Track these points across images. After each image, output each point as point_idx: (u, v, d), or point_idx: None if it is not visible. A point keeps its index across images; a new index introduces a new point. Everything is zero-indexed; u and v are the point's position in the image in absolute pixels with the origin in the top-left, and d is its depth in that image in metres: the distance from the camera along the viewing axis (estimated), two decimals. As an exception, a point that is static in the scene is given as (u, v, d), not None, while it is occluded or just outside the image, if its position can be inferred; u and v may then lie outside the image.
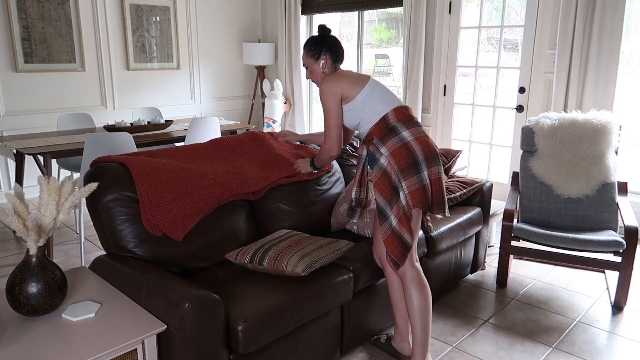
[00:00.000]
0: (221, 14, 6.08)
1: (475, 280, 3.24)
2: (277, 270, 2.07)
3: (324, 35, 2.30)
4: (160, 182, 2.19)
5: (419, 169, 2.08)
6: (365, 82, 2.19)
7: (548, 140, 3.29)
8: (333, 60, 2.28)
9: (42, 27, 4.72)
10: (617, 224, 3.16)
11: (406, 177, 2.07)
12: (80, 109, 5.07)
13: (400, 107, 2.18)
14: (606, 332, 2.65)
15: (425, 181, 2.08)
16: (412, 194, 2.07)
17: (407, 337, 2.34)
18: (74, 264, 3.41)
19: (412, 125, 2.14)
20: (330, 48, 2.27)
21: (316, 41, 2.28)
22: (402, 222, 2.10)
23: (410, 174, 2.07)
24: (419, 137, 2.12)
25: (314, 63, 2.29)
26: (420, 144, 2.10)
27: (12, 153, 3.71)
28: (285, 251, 2.11)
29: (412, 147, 2.09)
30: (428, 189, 2.09)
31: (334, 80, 2.20)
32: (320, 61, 2.27)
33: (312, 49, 2.28)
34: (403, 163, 2.07)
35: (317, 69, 2.29)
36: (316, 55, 2.27)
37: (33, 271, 1.63)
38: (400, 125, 2.13)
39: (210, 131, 4.14)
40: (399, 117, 2.15)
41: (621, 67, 3.77)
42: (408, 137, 2.10)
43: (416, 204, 2.08)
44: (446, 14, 4.70)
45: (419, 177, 2.07)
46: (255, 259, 2.12)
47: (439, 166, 2.13)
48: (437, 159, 2.13)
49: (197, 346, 1.68)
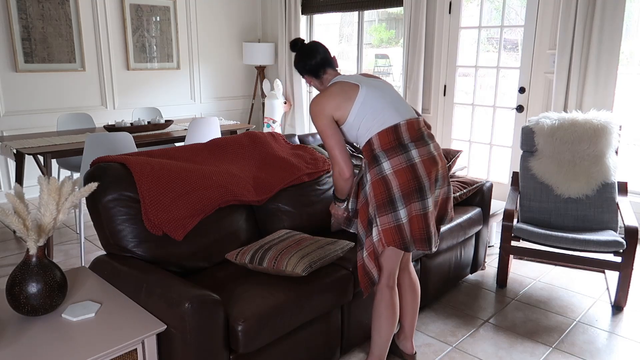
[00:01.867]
0: (221, 14, 6.08)
1: (475, 280, 3.24)
2: (277, 270, 2.07)
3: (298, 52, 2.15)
4: (161, 181, 2.19)
5: (395, 207, 1.92)
6: (355, 97, 1.97)
7: (548, 140, 3.29)
8: (316, 75, 2.13)
9: (42, 27, 4.72)
10: (617, 224, 3.16)
11: (380, 214, 1.93)
12: (80, 109, 5.08)
13: (385, 131, 1.94)
14: (606, 332, 2.65)
15: (401, 220, 1.92)
16: (385, 232, 1.94)
17: (411, 336, 2.36)
18: (74, 264, 3.41)
19: (394, 154, 1.92)
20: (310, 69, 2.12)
21: (296, 63, 2.16)
22: (371, 256, 2.00)
23: (386, 212, 1.92)
24: (399, 170, 1.91)
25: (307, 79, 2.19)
26: (399, 179, 1.90)
27: (12, 153, 3.71)
28: (286, 251, 2.11)
29: (389, 183, 1.91)
30: (404, 228, 1.93)
31: (322, 101, 2.00)
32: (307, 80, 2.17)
33: (297, 70, 2.17)
34: (380, 199, 1.93)
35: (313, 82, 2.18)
36: (302, 75, 2.17)
37: (33, 271, 1.64)
38: (381, 155, 1.93)
39: (210, 131, 4.14)
40: (382, 143, 1.94)
41: (621, 67, 3.77)
42: (387, 171, 1.92)
43: (389, 242, 1.94)
44: (446, 14, 4.70)
45: (395, 215, 1.92)
46: (255, 259, 2.12)
47: (422, 201, 1.94)
48: (421, 193, 1.94)
49: (197, 346, 1.68)
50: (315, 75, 2.13)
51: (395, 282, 2.12)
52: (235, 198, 2.38)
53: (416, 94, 4.91)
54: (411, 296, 2.28)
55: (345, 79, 2.05)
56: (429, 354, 2.44)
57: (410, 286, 2.27)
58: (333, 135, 1.99)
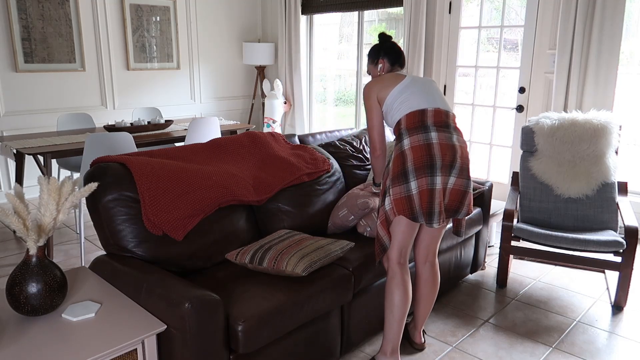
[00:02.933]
0: (221, 14, 6.08)
1: (475, 280, 3.24)
2: (277, 270, 2.07)
3: (383, 42, 2.39)
4: (161, 181, 2.19)
5: (407, 178, 2.07)
6: (399, 83, 2.20)
7: (548, 140, 3.29)
8: (391, 63, 2.34)
9: (42, 27, 4.72)
10: (617, 224, 3.16)
11: (394, 185, 2.10)
12: (80, 109, 5.08)
13: (413, 113, 2.13)
14: (606, 332, 2.65)
15: (411, 191, 2.07)
16: (396, 202, 2.10)
17: (420, 327, 2.43)
18: (74, 264, 3.41)
19: (414, 133, 2.10)
20: (388, 52, 2.35)
21: (375, 48, 2.39)
22: (383, 225, 2.17)
23: (399, 182, 2.09)
24: (415, 146, 2.08)
25: (374, 69, 2.38)
26: (414, 154, 2.07)
27: (12, 153, 3.71)
28: (286, 251, 2.11)
29: (406, 157, 2.08)
30: (414, 199, 2.07)
31: (371, 83, 2.27)
32: (378, 65, 2.36)
33: (371, 54, 2.39)
34: (395, 171, 2.10)
35: (376, 73, 2.38)
36: (375, 60, 2.37)
37: (33, 271, 1.64)
38: (405, 133, 2.12)
39: (210, 131, 4.14)
40: (408, 123, 2.13)
41: (621, 67, 3.77)
42: (406, 146, 2.10)
43: (399, 211, 2.10)
44: (446, 14, 4.70)
45: (407, 186, 2.07)
46: (255, 259, 2.12)
47: (432, 177, 2.06)
48: (428, 169, 2.05)
49: (197, 346, 1.68)
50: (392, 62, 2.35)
51: (406, 260, 2.20)
52: (235, 198, 2.38)
53: (416, 94, 4.90)
54: (429, 289, 2.34)
55: (400, 72, 2.32)
56: (429, 353, 2.44)
57: (431, 279, 2.32)
58: (375, 116, 2.25)
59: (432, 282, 2.33)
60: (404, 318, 2.20)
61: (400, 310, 2.17)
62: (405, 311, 2.19)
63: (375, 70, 2.39)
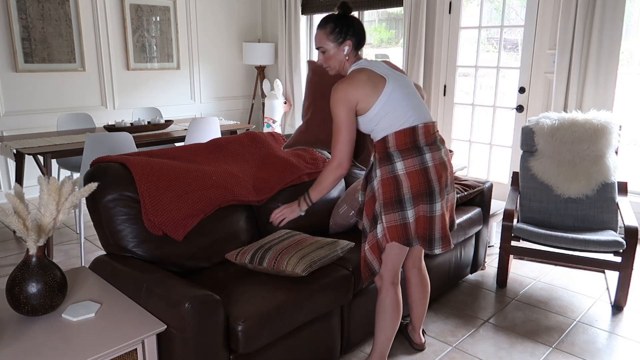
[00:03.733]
0: (221, 14, 6.08)
1: (475, 280, 3.24)
2: (277, 270, 2.07)
3: (348, 15, 1.98)
4: (161, 181, 2.19)
5: (403, 206, 1.93)
6: (381, 91, 1.90)
7: (548, 140, 3.29)
8: (356, 46, 1.99)
9: (42, 27, 4.72)
10: (617, 224, 3.16)
11: (387, 212, 1.94)
12: (80, 109, 5.08)
13: (403, 132, 1.91)
14: (606, 332, 2.65)
15: (408, 220, 1.94)
16: (390, 230, 1.95)
17: (419, 329, 2.43)
18: (74, 264, 3.41)
19: (408, 156, 1.91)
20: (357, 31, 1.97)
21: (341, 22, 1.95)
22: (374, 250, 2.02)
23: (393, 210, 1.93)
24: (412, 172, 1.91)
25: (337, 48, 1.97)
26: (410, 181, 1.90)
27: (12, 153, 3.71)
28: (286, 251, 2.11)
29: (400, 183, 1.91)
30: (410, 226, 1.95)
31: (349, 87, 1.89)
32: (344, 47, 1.96)
33: (335, 30, 1.94)
34: (388, 197, 1.93)
35: (339, 56, 1.98)
36: (340, 39, 1.95)
37: (33, 271, 1.63)
38: (396, 154, 1.92)
39: (210, 131, 4.14)
40: (398, 143, 1.92)
41: (621, 67, 3.77)
42: (400, 171, 1.91)
43: (393, 238, 1.96)
44: (446, 14, 4.70)
45: (402, 214, 1.93)
46: (255, 259, 2.12)
47: (431, 204, 1.94)
48: (431, 197, 1.94)
49: (197, 346, 1.68)
50: (357, 45, 1.98)
51: (399, 279, 2.14)
52: (235, 198, 2.38)
53: (416, 94, 4.90)
54: (420, 293, 2.32)
55: (372, 68, 1.94)
56: (429, 353, 2.44)
57: (420, 283, 2.30)
58: (349, 128, 1.91)
59: (422, 285, 2.31)
60: (394, 335, 2.18)
61: (391, 330, 2.15)
62: (396, 329, 2.16)
63: (340, 54, 1.98)
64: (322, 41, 1.97)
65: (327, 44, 1.97)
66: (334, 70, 2.03)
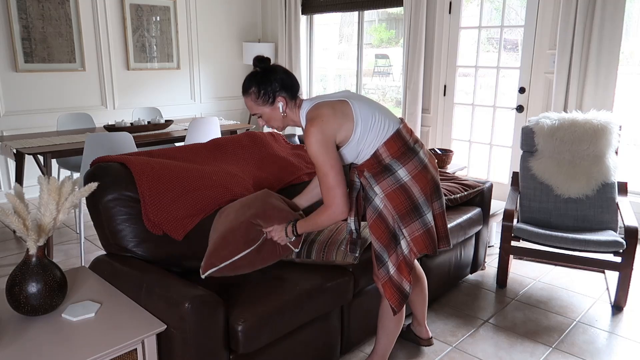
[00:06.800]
0: (221, 14, 6.08)
1: (475, 281, 3.24)
2: (327, 260, 2.12)
3: (270, 69, 1.86)
4: (161, 181, 2.19)
5: (420, 212, 1.88)
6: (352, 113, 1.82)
7: (548, 140, 3.29)
8: (290, 97, 1.87)
9: (42, 27, 4.72)
10: (617, 224, 3.16)
11: (407, 224, 1.88)
12: (80, 109, 5.07)
13: (391, 138, 1.86)
14: (606, 332, 2.65)
15: (429, 224, 1.91)
16: (416, 241, 1.89)
17: (423, 323, 2.42)
18: (74, 264, 3.41)
19: (407, 160, 1.87)
20: (284, 84, 1.84)
21: (264, 82, 1.84)
22: (402, 270, 1.92)
23: (412, 219, 1.88)
24: (417, 174, 1.88)
25: (270, 108, 1.87)
26: (419, 183, 1.87)
27: (12, 153, 3.71)
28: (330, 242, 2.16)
29: (410, 189, 1.87)
30: (433, 230, 1.93)
31: (322, 124, 1.77)
32: (277, 105, 1.86)
33: (261, 93, 1.84)
34: (402, 208, 1.86)
35: (277, 115, 1.88)
36: (270, 99, 1.85)
37: (33, 271, 1.63)
38: (394, 163, 1.86)
39: (210, 131, 4.14)
40: (392, 152, 1.86)
41: (621, 67, 3.77)
42: (405, 178, 1.86)
43: (421, 250, 1.91)
44: (446, 14, 4.70)
45: (422, 220, 1.89)
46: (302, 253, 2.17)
47: (439, 199, 1.98)
48: (438, 191, 1.96)
49: (197, 346, 1.68)
50: (292, 95, 1.87)
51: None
52: (235, 198, 2.38)
53: (416, 94, 4.91)
54: (419, 289, 2.32)
55: (326, 99, 1.87)
56: (429, 353, 2.44)
57: (418, 280, 2.31)
58: (337, 170, 1.79)
59: (420, 282, 2.32)
60: (396, 338, 2.19)
61: (395, 332, 2.16)
62: (399, 331, 2.17)
63: (276, 112, 1.86)
64: (253, 108, 1.89)
65: (259, 109, 1.88)
66: (282, 128, 1.94)
